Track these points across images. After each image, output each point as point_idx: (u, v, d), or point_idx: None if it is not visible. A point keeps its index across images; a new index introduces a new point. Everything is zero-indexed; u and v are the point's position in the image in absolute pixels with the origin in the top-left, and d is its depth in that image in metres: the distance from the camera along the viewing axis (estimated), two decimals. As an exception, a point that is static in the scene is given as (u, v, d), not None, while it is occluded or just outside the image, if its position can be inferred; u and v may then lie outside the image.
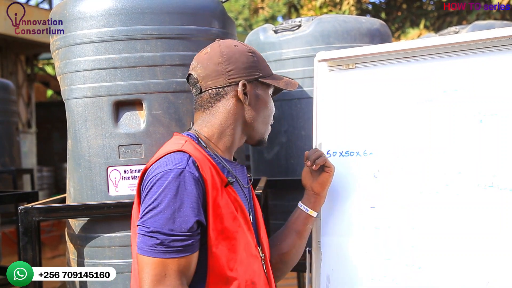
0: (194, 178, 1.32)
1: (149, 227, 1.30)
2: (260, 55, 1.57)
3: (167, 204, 1.30)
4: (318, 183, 1.65)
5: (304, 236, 1.68)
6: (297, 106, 2.50)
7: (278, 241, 1.68)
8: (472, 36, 1.63)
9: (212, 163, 1.41)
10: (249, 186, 1.58)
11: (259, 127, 1.52)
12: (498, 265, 1.55)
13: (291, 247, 1.66)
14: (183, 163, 1.33)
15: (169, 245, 1.29)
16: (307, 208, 1.66)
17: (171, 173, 1.32)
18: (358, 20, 2.55)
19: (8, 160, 5.42)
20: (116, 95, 1.88)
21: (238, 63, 1.48)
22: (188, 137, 1.47)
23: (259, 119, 1.52)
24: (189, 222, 1.30)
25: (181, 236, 1.29)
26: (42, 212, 1.89)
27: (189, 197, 1.31)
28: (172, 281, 1.29)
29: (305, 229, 1.67)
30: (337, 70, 1.84)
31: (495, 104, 1.59)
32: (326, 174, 1.64)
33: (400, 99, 1.73)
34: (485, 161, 1.59)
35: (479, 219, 1.58)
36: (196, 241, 1.33)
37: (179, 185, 1.31)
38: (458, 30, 3.63)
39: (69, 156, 2.02)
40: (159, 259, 1.29)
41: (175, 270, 1.29)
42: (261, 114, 1.52)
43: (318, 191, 1.66)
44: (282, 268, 1.68)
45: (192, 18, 1.94)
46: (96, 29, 1.88)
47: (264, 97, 1.53)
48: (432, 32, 8.13)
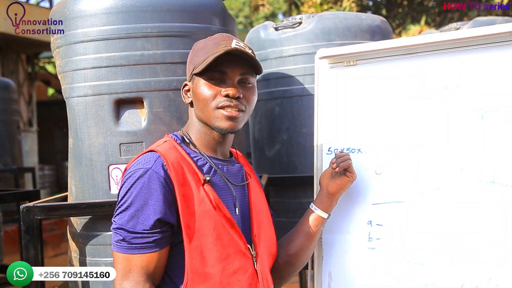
0: (159, 178, 1.36)
1: (116, 223, 1.38)
2: (201, 46, 1.50)
3: (131, 202, 1.35)
4: (335, 183, 1.63)
5: (314, 238, 1.66)
6: (298, 103, 2.50)
7: (287, 242, 1.67)
8: (473, 32, 1.63)
9: (188, 162, 1.43)
10: (244, 184, 1.55)
11: (202, 117, 1.47)
12: (500, 262, 1.55)
13: (298, 249, 1.65)
14: (150, 163, 1.38)
15: (130, 242, 1.35)
16: (318, 209, 1.65)
17: (137, 173, 1.37)
18: (359, 17, 2.55)
19: (10, 159, 5.43)
20: (117, 93, 1.89)
21: (188, 64, 1.54)
22: (171, 137, 1.49)
23: (198, 111, 1.48)
24: (150, 220, 1.34)
25: (142, 233, 1.34)
26: (44, 211, 1.89)
27: (152, 196, 1.34)
28: (135, 277, 1.35)
29: (315, 230, 1.65)
30: (338, 67, 1.83)
31: (496, 100, 1.59)
32: (346, 178, 1.63)
33: (401, 95, 1.73)
34: (486, 158, 1.59)
35: (480, 216, 1.58)
36: (160, 238, 1.35)
37: (143, 185, 1.35)
38: (459, 26, 3.62)
39: (70, 155, 2.02)
40: (123, 254, 1.36)
41: (138, 266, 1.35)
42: (197, 105, 1.48)
43: (333, 191, 1.64)
44: (289, 269, 1.67)
45: (193, 16, 1.94)
46: (97, 27, 1.88)
47: (196, 88, 1.48)
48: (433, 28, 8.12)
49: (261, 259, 1.51)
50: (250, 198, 1.56)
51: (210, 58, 1.42)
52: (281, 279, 1.67)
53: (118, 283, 1.37)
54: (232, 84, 1.45)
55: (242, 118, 1.47)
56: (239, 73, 1.46)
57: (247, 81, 1.48)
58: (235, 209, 1.49)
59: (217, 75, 1.45)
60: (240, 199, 1.52)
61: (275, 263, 1.63)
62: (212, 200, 1.41)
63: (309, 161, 2.31)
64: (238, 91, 1.44)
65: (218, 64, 1.43)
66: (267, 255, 1.56)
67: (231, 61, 1.44)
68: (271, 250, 1.58)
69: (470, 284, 1.58)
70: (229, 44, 1.43)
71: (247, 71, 1.47)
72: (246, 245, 1.46)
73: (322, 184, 1.67)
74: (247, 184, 1.57)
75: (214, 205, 1.41)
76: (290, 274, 1.69)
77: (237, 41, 1.46)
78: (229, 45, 1.43)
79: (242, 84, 1.47)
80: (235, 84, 1.45)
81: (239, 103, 1.44)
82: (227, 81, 1.45)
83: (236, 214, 1.48)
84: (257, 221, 1.54)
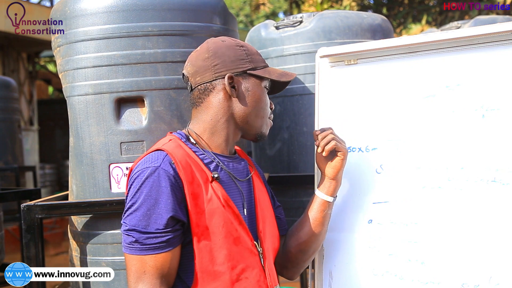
0: (168, 176, 1.34)
1: (127, 224, 1.35)
2: (252, 49, 1.55)
3: (142, 202, 1.33)
4: (330, 167, 1.60)
5: (322, 222, 1.63)
6: (299, 102, 2.49)
7: (296, 230, 1.65)
8: (474, 31, 1.63)
9: (195, 160, 1.42)
10: (248, 179, 1.56)
11: (253, 120, 1.50)
12: (501, 260, 1.55)
13: (309, 236, 1.62)
14: (158, 161, 1.36)
15: (144, 243, 1.32)
16: (322, 194, 1.62)
17: (146, 172, 1.35)
18: (360, 16, 2.55)
19: (11, 157, 5.43)
20: (117, 92, 1.89)
21: (224, 57, 1.48)
22: (176, 135, 1.49)
23: (252, 113, 1.50)
24: (163, 219, 1.32)
25: (156, 233, 1.32)
26: (45, 209, 1.90)
27: (163, 194, 1.33)
28: (150, 279, 1.33)
29: (322, 215, 1.62)
30: (339, 66, 1.83)
31: (497, 98, 1.59)
32: (338, 158, 1.58)
33: (402, 94, 1.73)
34: (487, 156, 1.58)
35: (481, 214, 1.58)
36: (173, 237, 1.34)
37: (153, 183, 1.33)
38: (460, 25, 3.62)
39: (71, 154, 2.02)
40: (137, 256, 1.33)
41: (153, 267, 1.33)
42: (253, 107, 1.50)
43: (331, 175, 1.60)
44: (303, 257, 1.65)
45: (194, 15, 1.94)
46: (97, 26, 1.88)
47: (256, 90, 1.50)
48: (434, 27, 8.11)
49: (268, 255, 1.52)
50: (255, 194, 1.56)
51: (273, 75, 1.52)
52: (297, 267, 1.66)
53: (132, 286, 1.34)
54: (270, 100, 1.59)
55: None
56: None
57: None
58: (243, 205, 1.49)
59: (266, 89, 1.56)
60: (246, 195, 1.52)
61: (288, 253, 1.63)
62: (221, 197, 1.41)
63: (310, 160, 2.31)
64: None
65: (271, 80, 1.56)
66: (272, 250, 1.56)
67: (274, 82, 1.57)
68: (274, 245, 1.59)
69: (471, 283, 1.58)
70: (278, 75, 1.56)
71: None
72: (253, 242, 1.47)
73: (320, 168, 1.64)
74: (251, 179, 1.57)
75: (223, 202, 1.41)
76: (305, 261, 1.67)
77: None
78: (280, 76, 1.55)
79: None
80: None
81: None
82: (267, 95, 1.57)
83: (243, 211, 1.49)
84: (262, 217, 1.54)
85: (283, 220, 1.70)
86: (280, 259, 1.66)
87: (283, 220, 1.70)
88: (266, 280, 1.47)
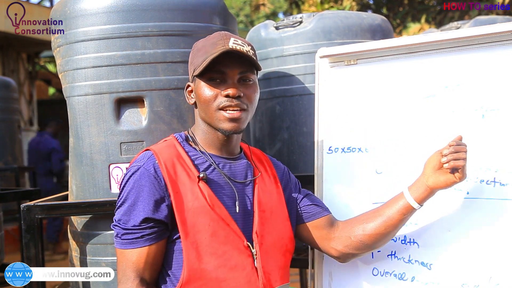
0: (149, 175, 1.40)
1: (114, 219, 1.44)
2: (200, 47, 1.49)
3: (125, 199, 1.41)
4: (438, 179, 1.48)
5: (395, 225, 1.54)
6: (299, 102, 2.49)
7: (366, 219, 1.58)
8: (474, 32, 1.63)
9: (184, 160, 1.45)
10: (248, 181, 1.53)
11: (208, 120, 1.48)
12: (500, 260, 1.55)
13: (376, 231, 1.55)
14: (142, 161, 1.43)
15: (122, 237, 1.41)
16: (411, 197, 1.51)
17: (131, 171, 1.43)
18: (360, 16, 2.55)
19: (11, 158, 5.42)
20: (117, 92, 1.89)
21: (189, 65, 1.54)
22: (174, 136, 1.52)
23: (202, 113, 1.50)
24: (140, 217, 1.38)
25: (132, 229, 1.39)
26: (45, 210, 1.90)
27: (142, 193, 1.39)
28: (127, 271, 1.40)
29: (398, 218, 1.53)
30: (339, 66, 1.83)
31: (497, 99, 1.59)
32: (452, 178, 1.46)
33: (401, 94, 1.73)
34: (487, 157, 1.59)
35: (481, 214, 1.58)
36: (149, 234, 1.39)
37: (135, 182, 1.40)
38: (460, 25, 3.62)
39: (71, 154, 2.02)
40: (119, 249, 1.42)
41: (129, 261, 1.40)
42: (201, 107, 1.49)
43: (432, 185, 1.49)
44: (360, 247, 1.59)
45: (193, 15, 1.94)
46: (97, 26, 1.88)
47: (198, 89, 1.48)
48: (433, 27, 8.11)
49: (265, 257, 1.48)
50: (255, 196, 1.53)
51: (208, 59, 1.41)
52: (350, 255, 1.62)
53: (118, 277, 1.43)
54: (232, 83, 1.44)
55: (245, 117, 1.47)
56: (238, 72, 1.45)
57: (248, 78, 1.47)
58: (235, 206, 1.48)
59: (217, 76, 1.45)
60: (241, 196, 1.51)
61: (347, 240, 1.58)
62: (207, 197, 1.42)
63: (310, 160, 2.31)
64: (238, 91, 1.43)
65: (217, 64, 1.43)
66: (277, 252, 1.52)
67: (230, 60, 1.44)
68: (282, 248, 1.54)
69: (471, 283, 1.58)
70: (227, 44, 1.43)
71: (246, 69, 1.46)
72: (245, 242, 1.46)
73: (425, 171, 1.52)
74: (253, 181, 1.54)
75: (209, 202, 1.42)
76: (361, 251, 1.61)
77: (234, 39, 1.45)
78: (226, 44, 1.42)
79: (242, 83, 1.46)
80: (235, 83, 1.45)
81: (240, 102, 1.44)
82: (227, 80, 1.45)
83: (236, 211, 1.48)
84: (261, 218, 1.51)
85: (319, 204, 1.65)
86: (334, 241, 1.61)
87: (319, 204, 1.65)
88: (257, 281, 1.45)
